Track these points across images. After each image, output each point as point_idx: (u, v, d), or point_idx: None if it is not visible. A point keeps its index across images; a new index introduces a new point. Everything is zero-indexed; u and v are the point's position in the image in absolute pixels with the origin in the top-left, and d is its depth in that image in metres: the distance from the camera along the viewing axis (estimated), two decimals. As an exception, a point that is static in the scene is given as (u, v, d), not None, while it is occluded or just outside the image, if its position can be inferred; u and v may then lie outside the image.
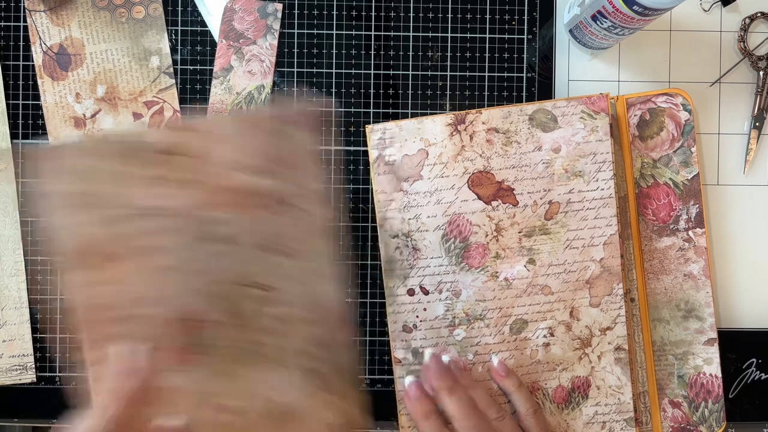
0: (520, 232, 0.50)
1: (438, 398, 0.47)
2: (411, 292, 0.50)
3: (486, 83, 0.53)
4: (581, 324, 0.50)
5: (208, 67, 0.52)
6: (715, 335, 0.51)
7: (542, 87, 0.53)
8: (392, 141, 0.50)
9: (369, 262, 0.52)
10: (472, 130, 0.50)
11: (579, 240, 0.50)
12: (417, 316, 0.50)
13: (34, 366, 0.52)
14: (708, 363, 0.51)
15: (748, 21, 0.53)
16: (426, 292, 0.50)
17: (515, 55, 0.53)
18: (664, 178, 0.51)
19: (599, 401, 0.50)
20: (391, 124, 0.50)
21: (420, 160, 0.50)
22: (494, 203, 0.50)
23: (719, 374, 0.51)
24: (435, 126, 0.50)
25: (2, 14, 0.52)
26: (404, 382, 0.49)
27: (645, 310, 0.51)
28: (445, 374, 0.48)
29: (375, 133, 0.50)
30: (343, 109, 0.52)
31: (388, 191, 0.50)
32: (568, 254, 0.50)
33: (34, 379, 0.52)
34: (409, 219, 0.50)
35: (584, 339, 0.50)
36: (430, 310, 0.50)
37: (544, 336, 0.50)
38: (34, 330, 0.52)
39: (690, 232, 0.51)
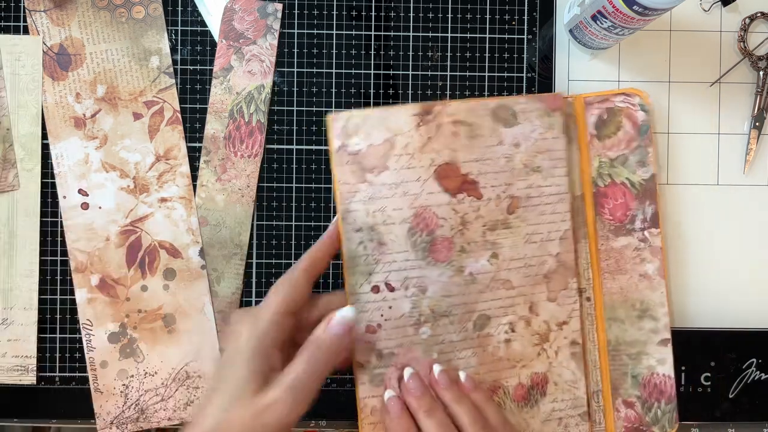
0: (484, 226, 0.49)
1: (417, 418, 0.45)
2: (376, 289, 0.48)
3: (486, 83, 0.53)
4: (540, 319, 0.50)
5: (208, 67, 0.52)
6: (668, 335, 0.51)
7: (542, 87, 0.53)
8: (357, 130, 0.48)
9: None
10: (439, 121, 0.48)
11: (537, 234, 0.49)
12: (381, 315, 0.48)
13: (35, 368, 0.52)
14: (661, 363, 0.51)
15: (748, 21, 0.53)
16: (392, 289, 0.48)
17: (515, 55, 0.53)
18: (621, 177, 0.51)
19: (556, 397, 0.50)
20: (356, 113, 0.47)
21: (386, 150, 0.48)
22: (459, 196, 0.48)
23: (672, 374, 0.51)
24: (401, 116, 0.48)
25: (2, 14, 0.52)
26: (384, 397, 0.47)
27: (600, 309, 0.51)
28: (424, 394, 0.46)
29: (338, 121, 0.48)
30: (343, 110, 0.52)
31: (351, 182, 0.47)
32: (528, 248, 0.49)
33: (34, 382, 0.52)
34: (374, 211, 0.47)
35: (542, 334, 0.50)
36: (395, 307, 0.48)
37: (506, 332, 0.49)
38: (40, 331, 0.52)
39: (646, 232, 0.51)
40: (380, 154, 0.47)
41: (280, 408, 0.40)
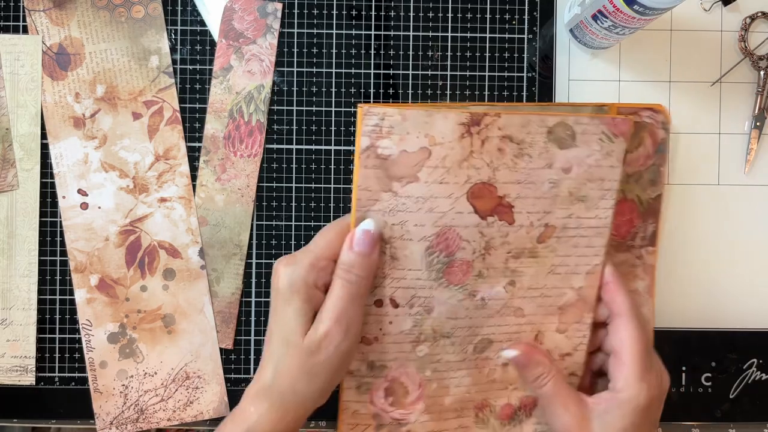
0: (508, 253, 0.46)
1: None
2: (379, 303, 0.45)
3: (486, 83, 0.53)
4: (543, 348, 0.47)
5: (207, 67, 0.52)
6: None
7: (543, 87, 0.53)
8: (390, 131, 0.42)
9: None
10: (486, 134, 0.43)
11: (564, 266, 0.46)
12: (380, 329, 0.45)
13: (34, 369, 0.52)
14: None
15: (748, 21, 0.53)
16: (396, 305, 0.45)
17: (515, 55, 0.53)
18: (632, 194, 0.50)
19: (540, 420, 0.48)
20: (392, 110, 0.42)
21: (420, 159, 0.43)
22: (490, 219, 0.44)
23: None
24: (446, 123, 0.43)
25: (1, 14, 0.51)
26: None
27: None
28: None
29: (370, 117, 0.42)
30: (343, 109, 0.52)
31: (373, 189, 0.43)
32: (549, 279, 0.46)
33: (33, 382, 0.52)
34: (393, 224, 0.43)
35: None
36: (395, 323, 0.45)
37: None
38: (39, 331, 0.52)
39: (643, 250, 0.50)
40: (413, 164, 0.43)
41: (329, 340, 0.40)
